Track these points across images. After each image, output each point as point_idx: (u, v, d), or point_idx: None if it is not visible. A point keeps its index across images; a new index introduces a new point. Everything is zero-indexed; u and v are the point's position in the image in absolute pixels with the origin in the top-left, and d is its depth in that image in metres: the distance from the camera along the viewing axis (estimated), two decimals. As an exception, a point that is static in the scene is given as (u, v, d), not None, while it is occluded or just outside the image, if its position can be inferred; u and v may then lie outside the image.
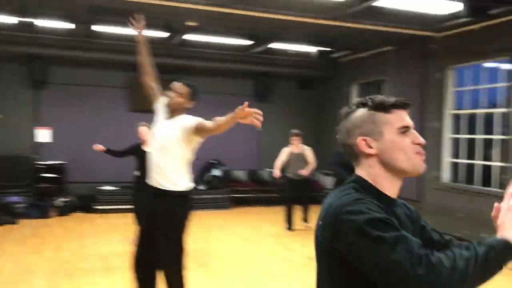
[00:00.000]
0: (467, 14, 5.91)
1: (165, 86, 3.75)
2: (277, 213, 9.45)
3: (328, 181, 10.37)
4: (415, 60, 8.15)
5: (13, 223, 7.74)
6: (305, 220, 8.32)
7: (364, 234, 1.13)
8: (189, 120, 3.49)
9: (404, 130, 1.30)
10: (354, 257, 1.17)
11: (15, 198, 8.30)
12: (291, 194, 7.99)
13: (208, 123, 3.40)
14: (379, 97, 1.34)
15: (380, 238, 1.12)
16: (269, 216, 9.15)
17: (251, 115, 2.93)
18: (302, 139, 8.06)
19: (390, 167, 1.30)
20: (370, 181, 1.31)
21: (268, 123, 10.88)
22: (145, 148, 5.65)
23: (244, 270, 5.54)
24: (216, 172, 10.00)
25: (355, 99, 1.21)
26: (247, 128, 11.18)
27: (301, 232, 7.75)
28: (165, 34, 8.04)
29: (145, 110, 9.85)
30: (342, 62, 10.21)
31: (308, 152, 7.90)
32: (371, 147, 1.30)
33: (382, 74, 9.15)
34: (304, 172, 7.70)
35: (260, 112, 2.95)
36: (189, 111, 3.67)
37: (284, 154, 7.94)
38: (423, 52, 7.94)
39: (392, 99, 1.32)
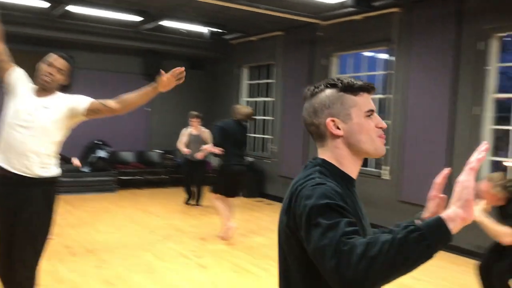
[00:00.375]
0: (353, 4, 6.28)
1: (40, 59, 3.19)
2: (167, 195, 9.36)
3: (216, 161, 10.46)
4: (303, 46, 8.49)
5: None
6: (197, 202, 8.39)
7: (308, 219, 1.14)
8: (80, 100, 3.06)
9: (370, 113, 1.34)
10: (303, 241, 1.18)
11: None
12: (187, 175, 8.38)
13: (108, 104, 3.06)
14: (347, 79, 1.35)
15: (317, 224, 1.11)
16: (159, 199, 8.99)
17: (174, 77, 2.74)
18: (201, 121, 8.24)
19: (355, 149, 1.33)
20: (334, 162, 1.33)
21: (157, 103, 10.66)
22: None
23: (135, 254, 5.40)
24: (101, 153, 9.55)
25: (322, 81, 1.21)
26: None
27: (193, 215, 7.76)
28: (46, 4, 7.39)
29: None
30: (233, 44, 10.28)
31: (207, 135, 7.98)
32: (339, 129, 1.32)
33: (271, 58, 9.40)
34: (200, 155, 7.76)
35: (181, 68, 2.82)
36: (65, 88, 3.16)
37: (184, 135, 8.16)
38: (310, 38, 8.29)
39: (359, 82, 1.35)
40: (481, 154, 1.10)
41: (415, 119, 6.52)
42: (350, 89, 1.33)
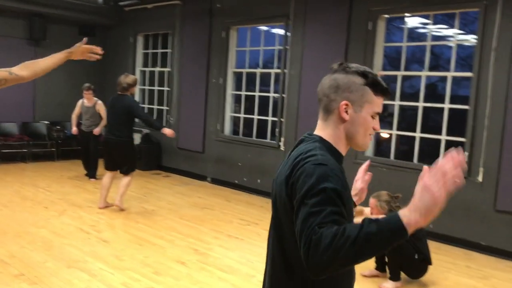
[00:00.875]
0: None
1: None
2: (56, 169, 8.88)
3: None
4: (202, 16, 8.42)
5: None
6: (91, 175, 8.11)
7: (303, 197, 1.25)
8: None
9: (376, 115, 1.48)
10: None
11: None
12: (82, 146, 8.32)
13: (15, 71, 2.74)
14: (377, 77, 1.46)
15: (306, 205, 1.23)
16: (48, 173, 8.49)
17: (89, 51, 2.66)
18: (94, 93, 8.10)
19: (350, 136, 1.47)
20: (331, 141, 1.45)
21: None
22: None
23: (29, 231, 5.12)
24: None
25: (356, 65, 1.28)
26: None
27: (88, 189, 7.48)
28: None
29: None
30: (127, 11, 9.86)
31: (101, 107, 7.90)
32: (347, 113, 1.44)
33: (168, 27, 9.20)
34: (97, 130, 7.89)
35: (99, 48, 2.73)
36: None
37: (77, 108, 8.10)
38: (209, 9, 8.25)
39: (384, 85, 1.47)
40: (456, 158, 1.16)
41: (309, 94, 6.89)
42: (375, 87, 1.45)
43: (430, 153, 6.65)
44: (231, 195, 7.56)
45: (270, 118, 7.69)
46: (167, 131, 6.02)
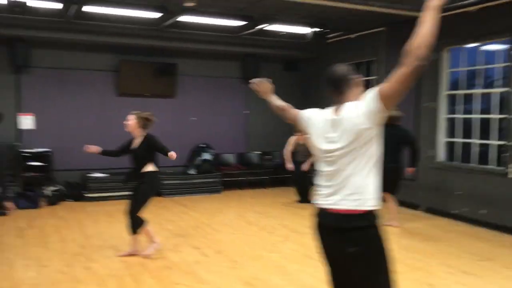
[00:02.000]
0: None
1: (151, 69, 3.33)
2: (269, 195, 9.51)
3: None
4: (407, 41, 8.21)
5: (4, 214, 7.40)
6: (304, 200, 8.52)
7: None
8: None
9: None
10: None
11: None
12: (295, 173, 8.76)
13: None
14: None
15: None
16: (262, 199, 9.15)
17: None
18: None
19: None
20: None
21: (254, 106, 10.85)
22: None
23: (262, 255, 5.52)
24: (206, 156, 9.88)
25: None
26: (234, 111, 11.08)
27: (304, 215, 7.81)
28: (157, 15, 7.76)
29: (134, 95, 9.65)
30: (328, 43, 10.22)
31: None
32: None
33: (372, 55, 9.22)
34: (306, 167, 8.41)
35: None
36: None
37: (290, 144, 8.63)
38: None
39: None
40: None
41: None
42: None
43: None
44: (450, 226, 7.06)
45: (494, 142, 7.02)
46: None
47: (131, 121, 5.51)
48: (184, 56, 9.88)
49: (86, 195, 8.71)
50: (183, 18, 7.95)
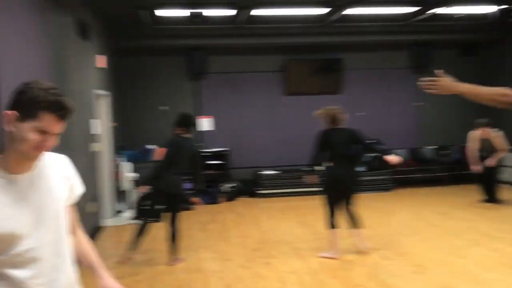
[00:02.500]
0: None
1: (316, 66, 3.08)
2: (449, 195, 8.73)
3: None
4: None
5: (189, 209, 8.06)
6: (492, 200, 7.64)
7: None
8: None
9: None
10: None
11: (188, 185, 8.61)
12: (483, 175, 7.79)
13: None
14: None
15: None
16: (442, 198, 8.44)
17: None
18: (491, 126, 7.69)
19: None
20: None
21: (427, 96, 10.05)
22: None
23: (450, 260, 5.02)
24: (376, 152, 9.46)
25: None
26: (404, 104, 10.41)
27: (495, 217, 6.97)
28: (324, 10, 7.66)
29: (301, 93, 9.76)
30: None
31: (499, 139, 7.56)
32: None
33: None
34: (492, 162, 7.52)
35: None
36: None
37: (472, 141, 7.78)
38: None
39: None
40: None
41: None
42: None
43: None
44: None
45: None
46: None
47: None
48: (349, 50, 9.64)
49: (258, 191, 9.05)
50: (349, 11, 7.71)
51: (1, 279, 1.50)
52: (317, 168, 5.48)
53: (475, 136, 7.73)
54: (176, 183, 5.19)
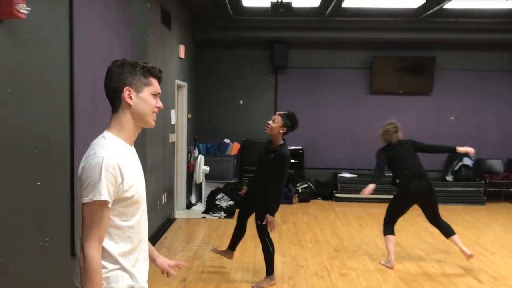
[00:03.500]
0: None
1: (406, 64, 2.60)
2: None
3: None
4: None
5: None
6: None
7: None
8: None
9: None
10: None
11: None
12: None
13: None
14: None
15: None
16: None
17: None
18: None
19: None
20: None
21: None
22: None
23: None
24: (466, 161, 8.64)
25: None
26: (503, 110, 9.42)
27: None
28: (419, 3, 7.03)
29: (387, 92, 9.13)
30: None
31: None
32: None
33: None
34: None
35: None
36: None
37: None
38: None
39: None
40: None
41: None
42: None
43: None
44: None
45: None
46: None
47: None
48: (443, 48, 8.87)
49: (335, 194, 8.58)
50: (448, 5, 7.02)
51: (129, 242, 1.75)
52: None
53: None
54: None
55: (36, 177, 2.61)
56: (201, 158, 7.77)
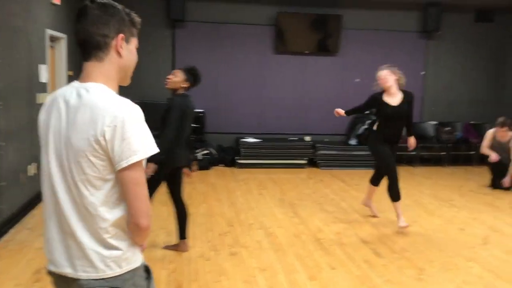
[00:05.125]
0: None
1: (311, 21, 2.10)
2: (448, 175, 7.82)
3: None
4: None
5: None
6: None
7: None
8: None
9: None
10: None
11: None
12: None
13: None
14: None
15: None
16: (440, 180, 7.51)
17: None
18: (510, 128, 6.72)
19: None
20: None
21: (433, 66, 9.01)
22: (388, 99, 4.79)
23: (455, 263, 4.10)
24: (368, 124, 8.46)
25: None
26: (410, 72, 9.30)
27: (505, 209, 6.06)
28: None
29: (292, 52, 8.61)
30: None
31: None
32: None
33: None
34: (506, 181, 6.70)
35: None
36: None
37: (487, 140, 6.89)
38: None
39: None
40: None
41: None
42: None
43: None
44: None
45: None
46: None
47: (389, 76, 4.90)
48: (350, 5, 8.47)
49: (238, 161, 8.03)
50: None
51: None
52: None
53: (488, 135, 6.87)
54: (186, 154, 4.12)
55: None
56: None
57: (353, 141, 8.50)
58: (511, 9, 8.63)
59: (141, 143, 1.36)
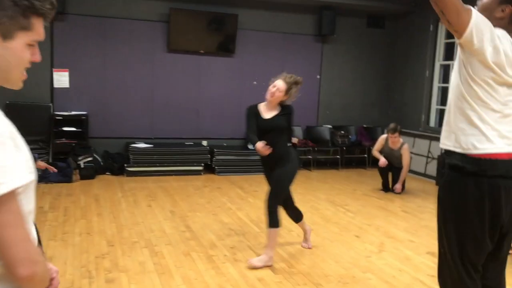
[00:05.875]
0: None
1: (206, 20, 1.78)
2: (343, 179, 7.83)
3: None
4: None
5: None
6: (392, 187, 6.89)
7: None
8: None
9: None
10: None
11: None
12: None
13: None
14: None
15: None
16: (336, 184, 7.49)
17: None
18: (400, 134, 6.80)
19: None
20: None
21: (328, 70, 9.05)
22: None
23: (356, 276, 3.90)
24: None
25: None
26: (306, 75, 9.23)
27: (397, 213, 6.09)
28: None
29: (186, 51, 8.12)
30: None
31: (405, 153, 6.69)
32: None
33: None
34: (398, 187, 6.82)
35: None
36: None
37: (379, 144, 6.94)
38: None
39: None
40: None
41: None
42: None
43: None
44: None
45: None
46: None
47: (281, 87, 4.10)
48: (246, 5, 8.20)
49: (126, 168, 7.35)
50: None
51: None
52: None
53: (380, 139, 6.94)
54: None
55: None
56: None
57: (251, 146, 8.22)
58: (401, 15, 8.94)
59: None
